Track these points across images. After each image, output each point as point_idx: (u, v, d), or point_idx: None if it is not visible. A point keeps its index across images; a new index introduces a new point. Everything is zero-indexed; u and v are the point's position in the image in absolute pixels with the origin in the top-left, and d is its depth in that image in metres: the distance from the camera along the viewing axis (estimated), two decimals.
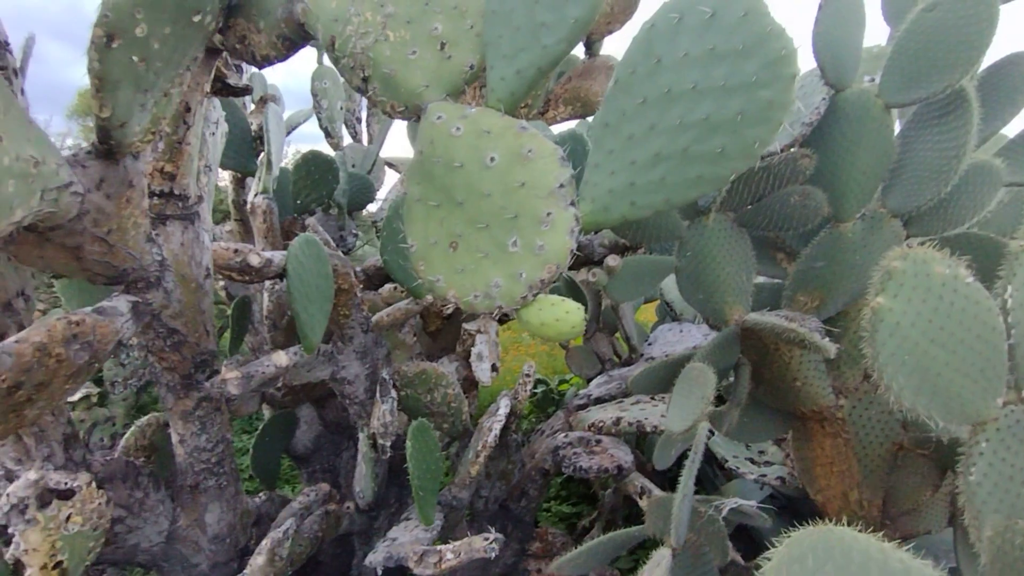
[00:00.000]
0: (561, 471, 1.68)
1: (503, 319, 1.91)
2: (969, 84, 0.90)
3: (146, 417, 1.44)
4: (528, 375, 1.53)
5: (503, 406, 1.46)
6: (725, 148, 0.52)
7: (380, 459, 1.48)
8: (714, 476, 1.92)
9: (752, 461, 1.45)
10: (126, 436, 1.42)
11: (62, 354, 0.96)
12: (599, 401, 1.82)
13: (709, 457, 1.84)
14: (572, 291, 1.98)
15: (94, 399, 1.95)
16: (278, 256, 1.20)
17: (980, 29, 0.83)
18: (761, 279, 1.25)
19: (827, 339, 0.97)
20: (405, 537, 1.31)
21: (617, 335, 2.87)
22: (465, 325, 1.79)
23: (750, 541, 1.43)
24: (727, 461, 1.43)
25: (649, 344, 2.02)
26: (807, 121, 0.95)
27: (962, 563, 0.89)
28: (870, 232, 1.01)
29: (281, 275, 1.26)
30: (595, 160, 0.60)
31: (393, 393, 1.41)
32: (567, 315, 0.62)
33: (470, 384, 1.85)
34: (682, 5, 0.53)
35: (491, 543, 1.16)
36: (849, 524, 1.41)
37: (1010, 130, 1.10)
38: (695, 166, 0.54)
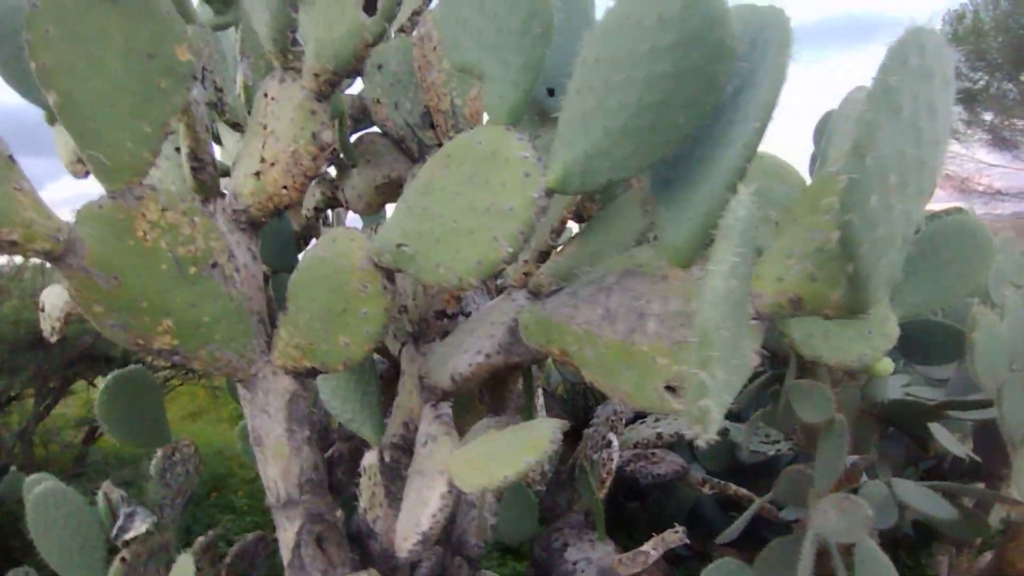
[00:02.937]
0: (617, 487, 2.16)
1: None
2: None
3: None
4: (621, 411, 1.99)
5: (614, 438, 1.89)
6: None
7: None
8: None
9: (763, 442, 2.13)
10: None
11: None
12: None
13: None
14: None
15: (152, 529, 1.81)
16: None
17: None
18: None
19: None
20: (595, 554, 1.67)
21: None
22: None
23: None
24: (746, 443, 2.09)
25: None
26: None
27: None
28: None
29: None
30: None
31: None
32: (890, 363, 1.18)
33: None
34: None
35: (681, 533, 1.60)
36: None
37: None
38: None
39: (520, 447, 0.88)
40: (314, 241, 1.99)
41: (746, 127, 0.70)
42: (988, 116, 9.56)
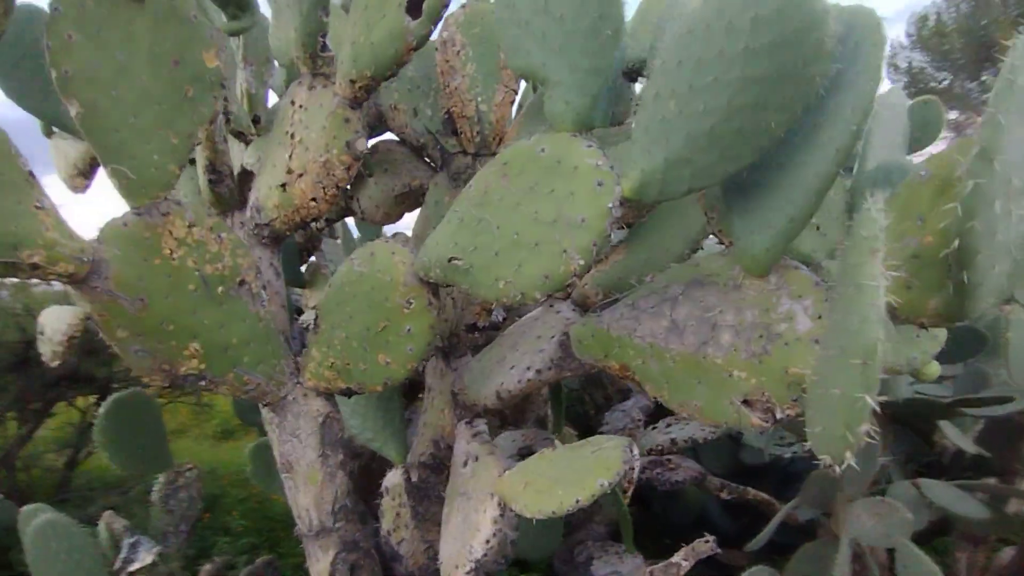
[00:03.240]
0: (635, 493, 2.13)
1: None
2: None
3: None
4: (639, 418, 1.95)
5: (635, 450, 1.85)
6: None
7: None
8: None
9: (778, 445, 2.12)
10: None
11: None
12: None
13: None
14: None
15: (157, 559, 1.72)
16: None
17: None
18: None
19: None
20: (624, 568, 1.63)
21: None
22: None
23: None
24: (766, 446, 2.07)
25: None
26: None
27: None
28: None
29: None
30: None
31: None
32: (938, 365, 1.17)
33: None
34: None
35: (711, 543, 1.57)
36: None
37: None
38: None
39: (588, 468, 0.84)
40: (316, 254, 1.93)
41: (838, 130, 0.67)
42: (953, 115, 9.82)
